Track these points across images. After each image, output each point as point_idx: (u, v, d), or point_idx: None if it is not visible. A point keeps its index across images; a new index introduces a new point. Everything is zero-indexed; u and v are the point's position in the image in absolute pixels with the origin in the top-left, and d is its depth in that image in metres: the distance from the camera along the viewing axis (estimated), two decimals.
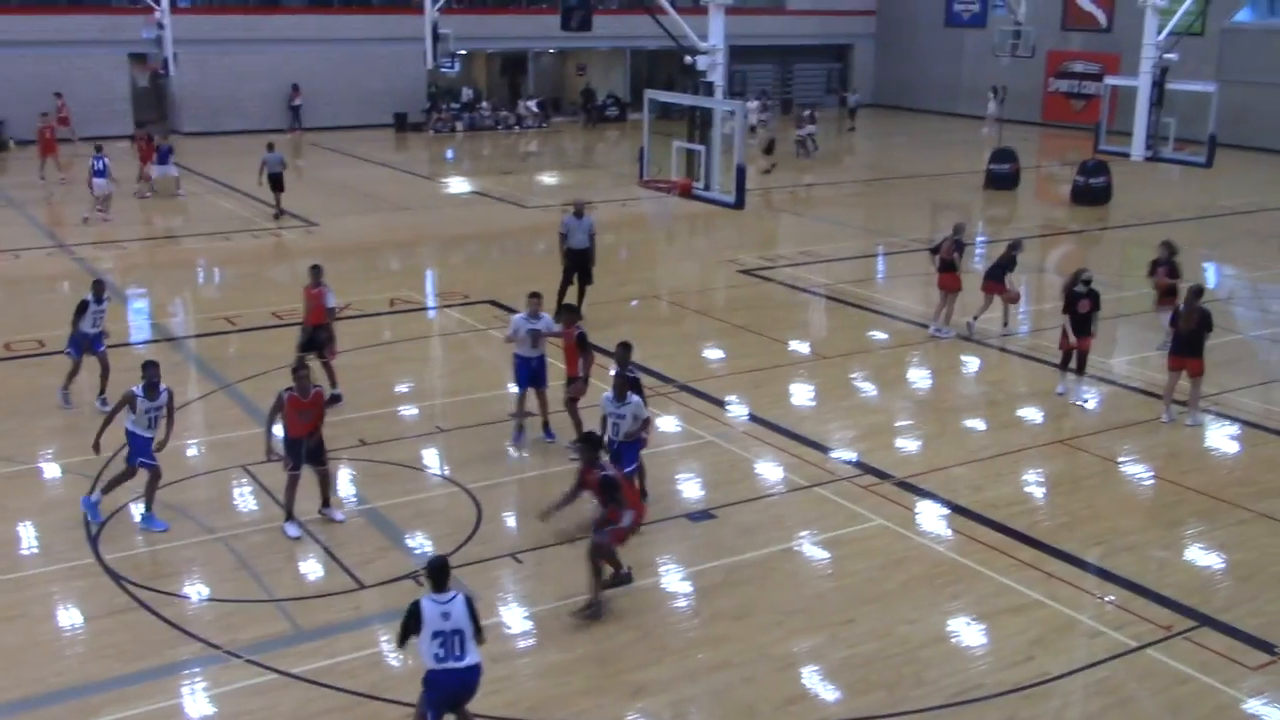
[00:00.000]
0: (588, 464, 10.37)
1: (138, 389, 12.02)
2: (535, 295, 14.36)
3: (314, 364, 14.90)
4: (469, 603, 8.19)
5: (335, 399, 15.07)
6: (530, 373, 14.27)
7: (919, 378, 17.52)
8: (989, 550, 11.83)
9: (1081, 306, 15.72)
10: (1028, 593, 11.02)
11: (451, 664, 8.08)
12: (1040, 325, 19.90)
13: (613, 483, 10.31)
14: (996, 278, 18.99)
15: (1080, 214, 30.26)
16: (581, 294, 19.34)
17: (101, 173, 27.09)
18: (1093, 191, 31.13)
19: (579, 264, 19.23)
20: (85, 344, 15.30)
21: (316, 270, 15.65)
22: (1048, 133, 46.72)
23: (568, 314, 14.26)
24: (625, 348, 12.56)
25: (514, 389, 14.56)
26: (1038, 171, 37.60)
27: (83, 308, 15.25)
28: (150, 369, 12.16)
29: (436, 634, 8.04)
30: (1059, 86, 48.21)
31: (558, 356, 14.30)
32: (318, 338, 15.48)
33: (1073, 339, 15.80)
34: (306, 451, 12.01)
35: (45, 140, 32.38)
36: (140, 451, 12.09)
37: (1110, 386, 16.81)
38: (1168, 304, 18.33)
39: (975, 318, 19.07)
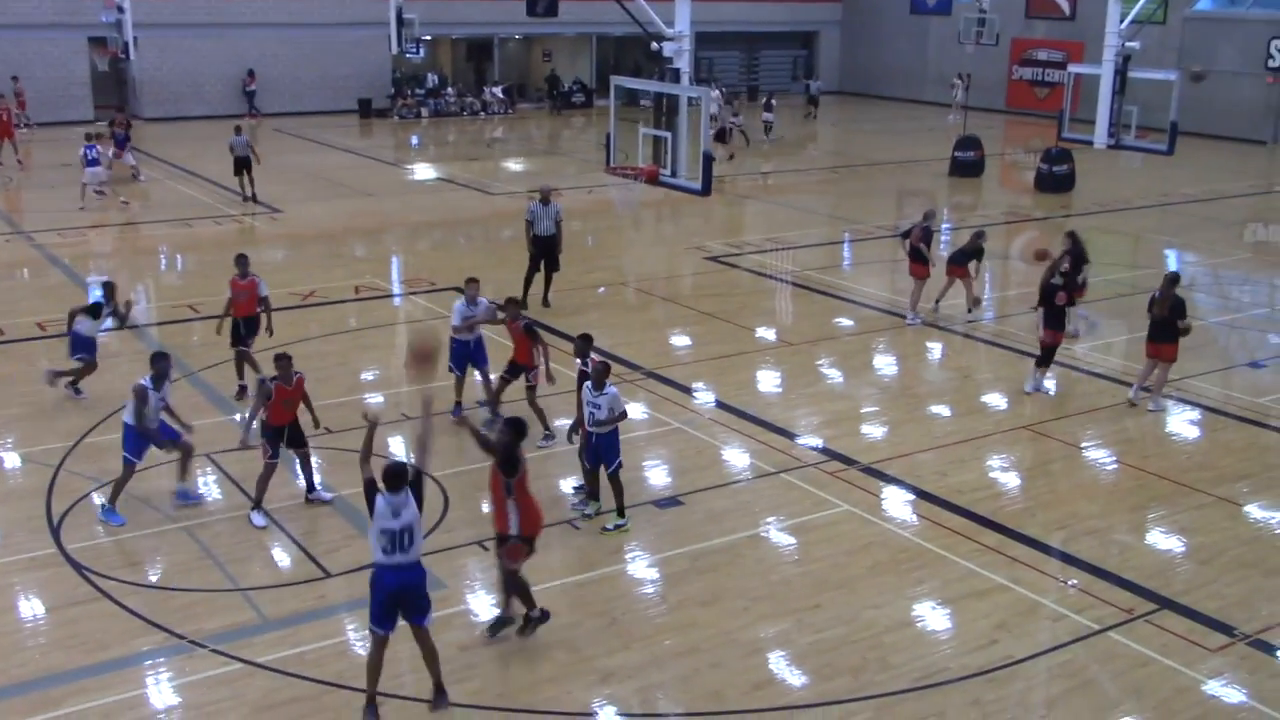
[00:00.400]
0: (505, 441, 9.84)
1: (146, 381, 11.93)
2: (472, 280, 14.53)
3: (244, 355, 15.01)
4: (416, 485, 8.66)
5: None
6: (468, 354, 14.46)
7: (885, 364, 17.60)
8: (954, 535, 11.92)
9: (1059, 299, 15.72)
10: (992, 577, 11.11)
11: (398, 557, 8.52)
12: (1005, 312, 20.03)
13: (513, 465, 9.73)
14: (959, 262, 19.14)
15: (1044, 201, 30.48)
16: (548, 281, 19.30)
17: (95, 161, 26.90)
18: (1056, 179, 31.38)
19: (545, 251, 19.19)
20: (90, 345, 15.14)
21: (243, 260, 15.41)
22: (1011, 120, 46.99)
23: (511, 306, 14.15)
24: (586, 340, 12.55)
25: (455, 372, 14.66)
26: (1002, 159, 37.81)
27: (96, 310, 15.07)
28: (160, 361, 12.11)
29: (384, 530, 8.47)
30: (1023, 74, 48.48)
31: (495, 336, 14.36)
32: (247, 329, 15.26)
33: (1040, 332, 15.81)
34: (287, 438, 12.02)
35: (1, 123, 31.95)
36: (129, 444, 12.01)
37: (1074, 372, 16.95)
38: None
39: (938, 300, 19.25)
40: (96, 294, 15.39)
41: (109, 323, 15.35)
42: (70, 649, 9.75)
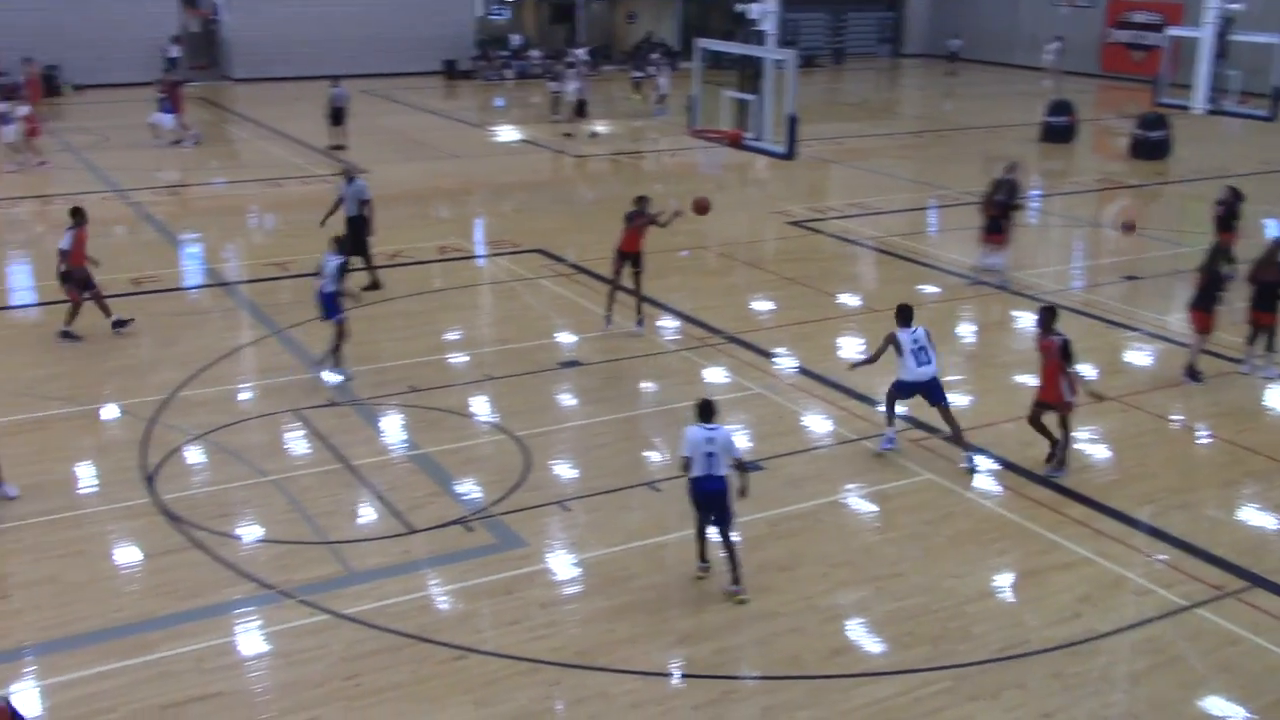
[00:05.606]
0: None
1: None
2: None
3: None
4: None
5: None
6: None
7: (969, 332, 17.37)
8: (1038, 506, 11.77)
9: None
10: (1076, 549, 10.96)
11: (711, 472, 9.77)
12: (1095, 281, 19.65)
13: None
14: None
15: (1138, 168, 29.73)
16: (368, 262, 18.24)
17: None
18: (1151, 145, 30.56)
19: (352, 232, 17.72)
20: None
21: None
22: (1105, 85, 45.82)
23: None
24: None
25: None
26: (1095, 124, 36.93)
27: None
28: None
29: (706, 454, 9.73)
30: (1119, 37, 47.22)
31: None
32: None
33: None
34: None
35: (34, 87, 32.60)
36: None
37: (1165, 344, 16.58)
38: (994, 240, 18.91)
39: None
40: None
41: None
42: (164, 596, 10.05)
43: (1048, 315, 12.40)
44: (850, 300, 18.60)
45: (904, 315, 12.75)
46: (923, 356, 12.48)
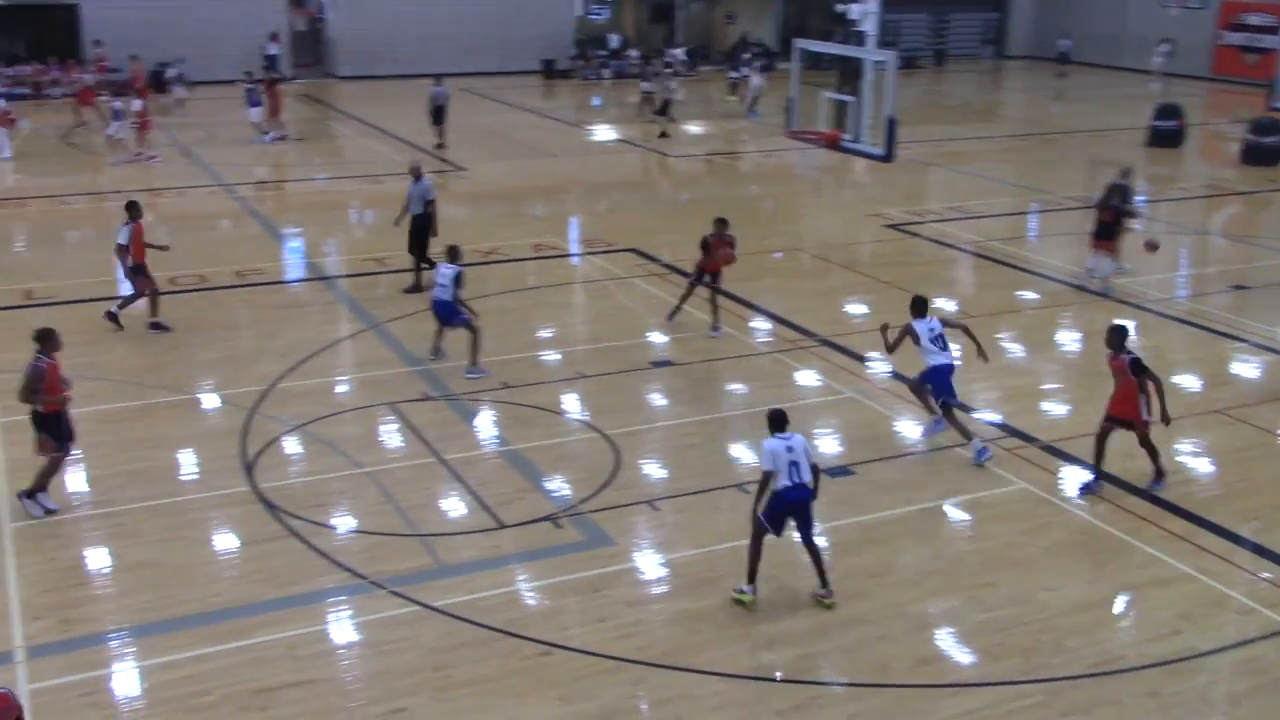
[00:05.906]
0: None
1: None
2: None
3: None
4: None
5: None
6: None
7: (1069, 339, 17.02)
8: (1137, 520, 11.48)
9: None
10: (1177, 565, 10.67)
11: (795, 480, 9.61)
12: (1202, 290, 19.11)
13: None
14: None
15: (1250, 175, 28.84)
16: (418, 263, 18.25)
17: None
18: (1264, 151, 29.62)
19: (417, 232, 18.17)
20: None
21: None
22: (1216, 88, 44.54)
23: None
24: None
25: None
26: (1205, 129, 35.91)
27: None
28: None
29: (790, 463, 9.61)
30: (1231, 39, 45.86)
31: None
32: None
33: None
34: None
35: (140, 82, 33.24)
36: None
37: (1273, 355, 16.07)
38: (1105, 246, 18.31)
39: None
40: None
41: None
42: (260, 582, 10.27)
43: (1116, 335, 12.03)
44: (947, 305, 18.30)
45: (918, 306, 12.90)
46: (941, 343, 12.62)
